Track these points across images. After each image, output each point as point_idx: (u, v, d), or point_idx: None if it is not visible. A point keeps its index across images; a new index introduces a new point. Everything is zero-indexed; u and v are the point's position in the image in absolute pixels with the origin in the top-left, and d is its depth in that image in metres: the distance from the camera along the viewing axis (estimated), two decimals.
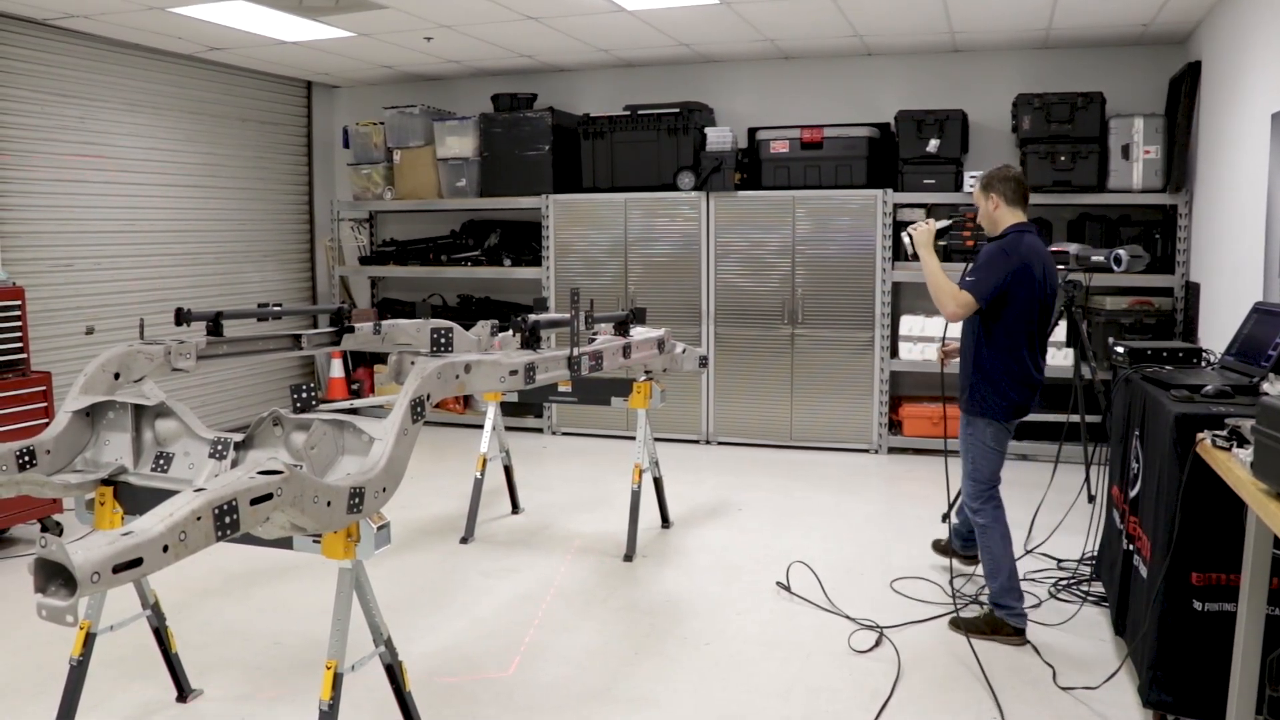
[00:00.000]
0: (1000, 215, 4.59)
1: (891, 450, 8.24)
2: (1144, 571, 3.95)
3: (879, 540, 6.07)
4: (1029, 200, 4.66)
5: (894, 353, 8.24)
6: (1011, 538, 4.63)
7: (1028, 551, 5.59)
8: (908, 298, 8.54)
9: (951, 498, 5.64)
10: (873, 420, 8.23)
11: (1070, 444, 6.60)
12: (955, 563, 5.40)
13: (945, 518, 6.14)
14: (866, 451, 8.26)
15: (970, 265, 4.57)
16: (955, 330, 4.88)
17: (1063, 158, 7.62)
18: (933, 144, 7.91)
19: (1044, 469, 6.86)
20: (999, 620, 4.55)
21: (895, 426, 8.34)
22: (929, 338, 7.99)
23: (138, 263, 8.25)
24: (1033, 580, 5.23)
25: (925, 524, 6.28)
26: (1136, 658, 3.92)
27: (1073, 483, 6.37)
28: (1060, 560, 5.49)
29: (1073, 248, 6.07)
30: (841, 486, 7.28)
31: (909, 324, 8.16)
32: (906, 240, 4.85)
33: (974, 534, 4.91)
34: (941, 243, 5.56)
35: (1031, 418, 7.59)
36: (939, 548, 5.65)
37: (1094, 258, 5.89)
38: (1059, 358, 7.49)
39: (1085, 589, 5.08)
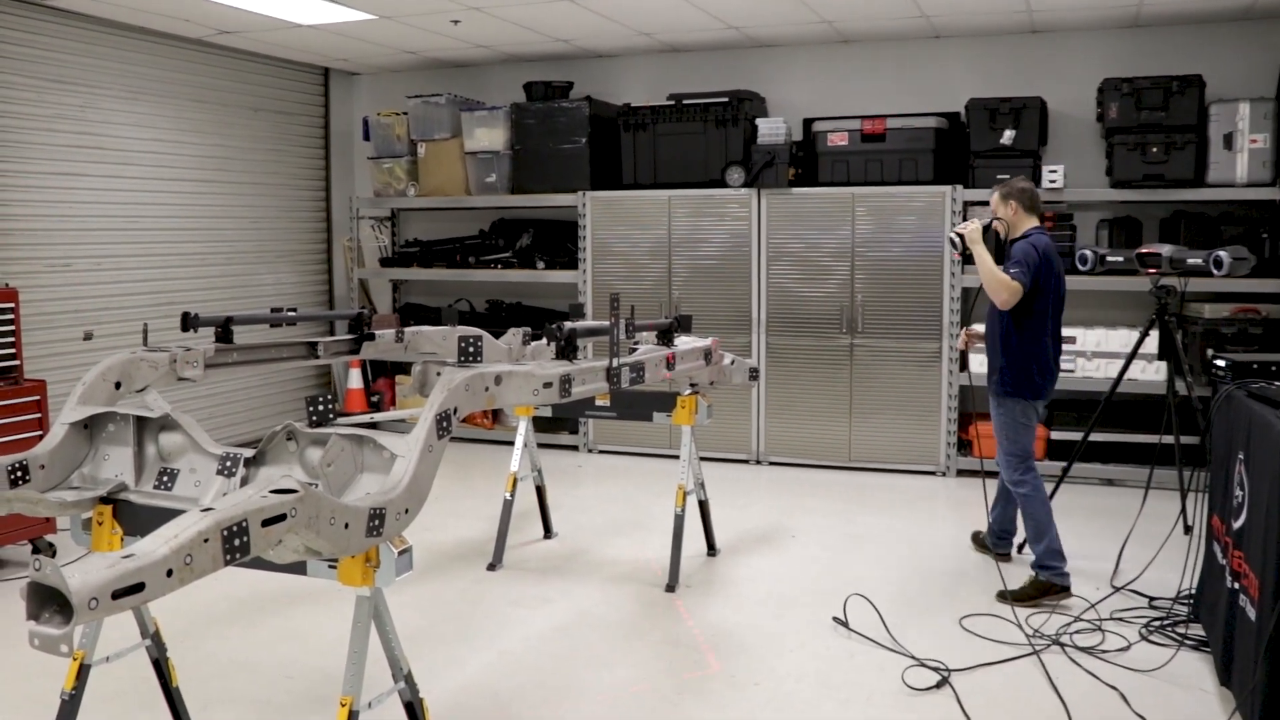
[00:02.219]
0: (1019, 219, 5.73)
1: (961, 473, 8.13)
2: (1252, 614, 3.85)
3: (947, 572, 5.99)
4: (1040, 207, 5.86)
5: (963, 365, 8.12)
6: (1049, 505, 5.59)
7: (1115, 589, 5.50)
8: (979, 304, 8.42)
9: (990, 506, 6.14)
10: (940, 439, 8.13)
11: (1163, 468, 6.49)
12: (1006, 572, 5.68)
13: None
14: (933, 474, 8.17)
15: (1006, 262, 5.55)
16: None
17: (1155, 149, 7.51)
18: (1007, 135, 7.83)
19: (1133, 495, 6.74)
20: (1045, 583, 5.43)
21: (965, 446, 8.24)
22: None
23: (141, 263, 8.33)
24: (1121, 620, 5.14)
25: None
26: (1245, 712, 3.81)
27: (1166, 511, 6.27)
28: (1153, 598, 5.37)
29: (1166, 249, 6.00)
30: (905, 512, 7.20)
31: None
32: (956, 239, 5.79)
33: (1008, 533, 6.05)
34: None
35: (1120, 438, 7.55)
36: (979, 541, 6.29)
37: (1190, 260, 5.82)
38: (1150, 371, 7.38)
39: (1182, 631, 4.96)
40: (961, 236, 5.74)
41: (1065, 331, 7.60)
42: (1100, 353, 7.68)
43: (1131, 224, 7.91)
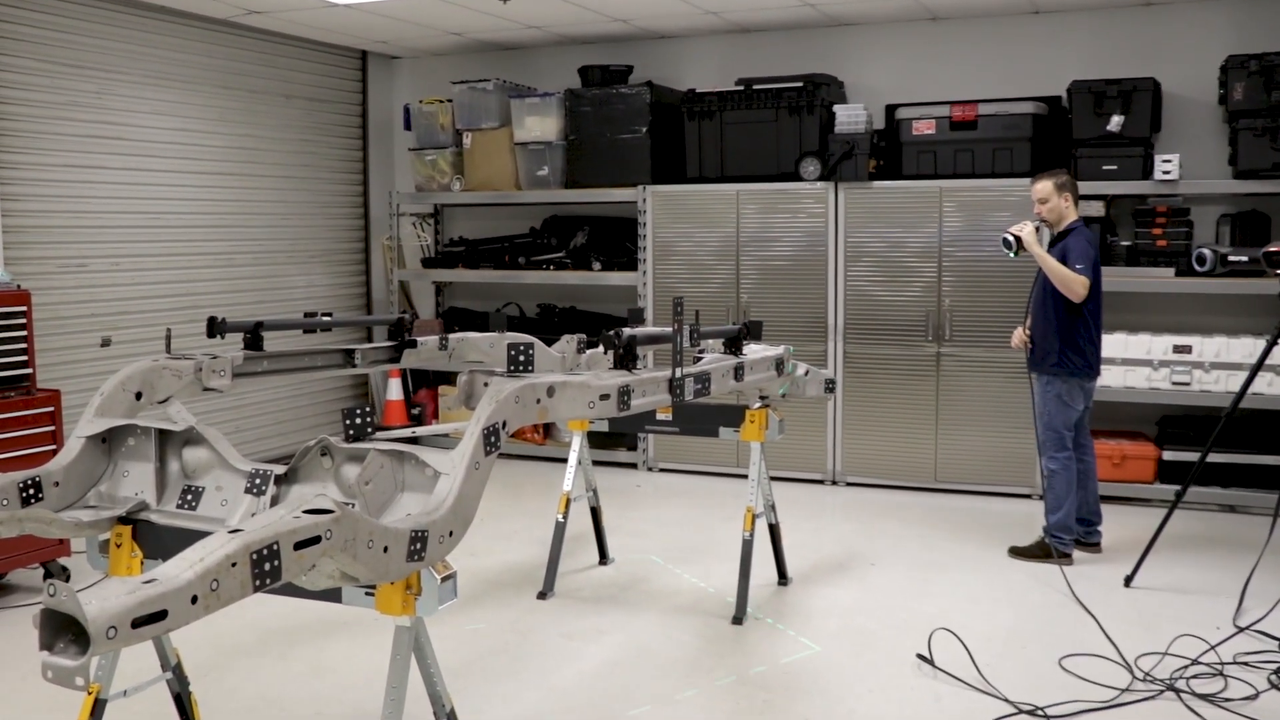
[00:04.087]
0: (1068, 211, 6.55)
1: None
2: None
3: (1045, 606, 5.91)
4: None
5: None
6: (1074, 484, 6.56)
7: (1239, 629, 5.39)
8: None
9: (1047, 507, 6.65)
10: (1036, 459, 8.01)
11: None
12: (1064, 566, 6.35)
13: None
14: (1028, 497, 8.06)
15: (1066, 257, 6.37)
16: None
17: None
18: (1115, 121, 7.73)
19: (1258, 523, 6.63)
20: (1050, 547, 6.53)
21: None
22: (1107, 359, 7.77)
23: (163, 263, 8.45)
24: (1246, 665, 5.02)
25: (1103, 586, 6.11)
26: None
27: None
28: None
29: None
30: (997, 538, 7.10)
31: None
32: (1012, 240, 6.49)
33: (1094, 520, 6.78)
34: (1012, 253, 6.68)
35: (1243, 459, 7.43)
36: (1020, 552, 6.77)
37: None
38: (1278, 385, 7.25)
39: None
40: (1018, 239, 6.46)
41: (1179, 340, 7.58)
42: (1220, 364, 7.54)
43: (1257, 219, 7.77)
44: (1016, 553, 6.77)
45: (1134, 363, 7.76)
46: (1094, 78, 7.89)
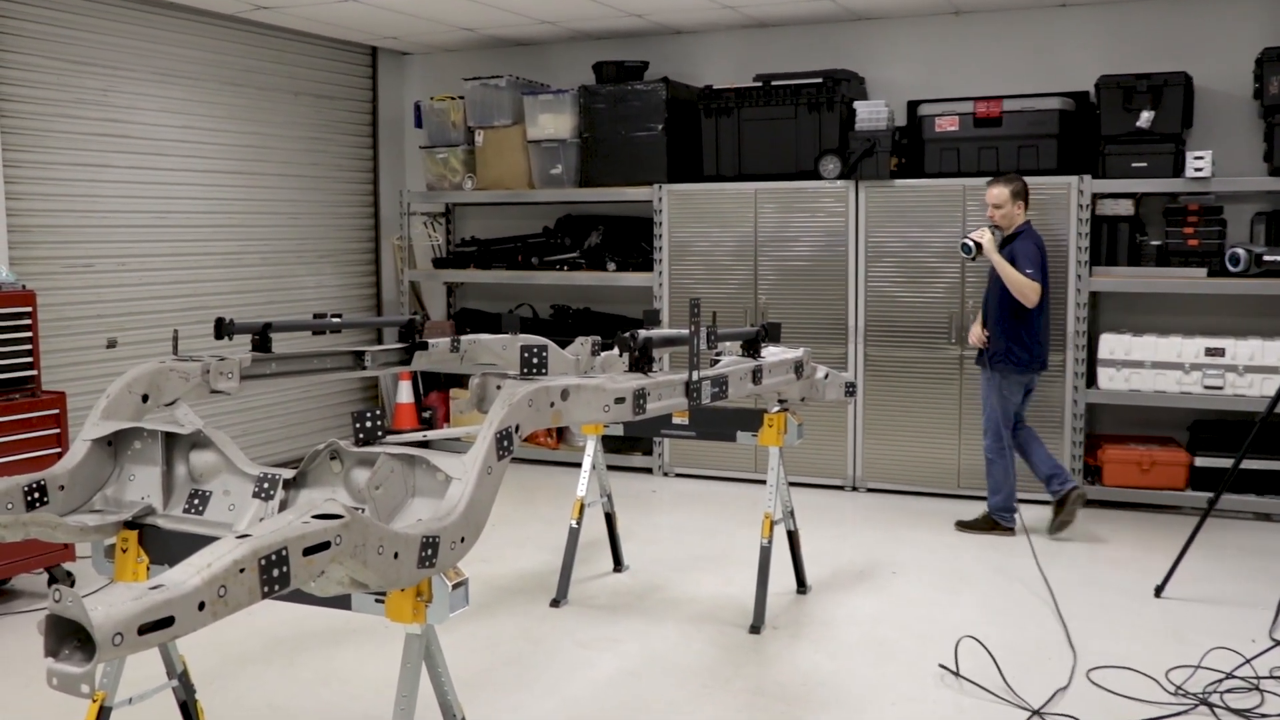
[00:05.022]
0: (1018, 216, 7.15)
1: (1090, 503, 7.96)
2: None
3: (1072, 616, 5.87)
4: None
5: (1091, 380, 8.02)
6: (1011, 470, 7.32)
7: (1276, 643, 5.34)
8: (1109, 311, 8.32)
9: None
10: (1064, 464, 7.99)
11: None
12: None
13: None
14: (1050, 502, 8.01)
15: (1016, 262, 6.96)
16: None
17: None
18: (1145, 117, 7.70)
19: None
20: (994, 521, 7.38)
21: (1093, 473, 8.11)
22: (1136, 362, 7.77)
23: (170, 263, 8.47)
24: None
25: (1132, 597, 6.08)
26: None
27: None
28: None
29: None
30: (1022, 546, 7.08)
31: (1111, 344, 7.93)
32: (972, 245, 7.08)
33: (1057, 473, 7.28)
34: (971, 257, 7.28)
35: (1278, 466, 7.37)
36: (967, 525, 7.47)
37: None
38: None
39: None
40: (978, 244, 7.04)
41: (1212, 343, 7.56)
42: (1255, 367, 7.50)
43: None
44: (963, 526, 7.48)
45: (1164, 366, 7.72)
46: (1123, 72, 7.86)
